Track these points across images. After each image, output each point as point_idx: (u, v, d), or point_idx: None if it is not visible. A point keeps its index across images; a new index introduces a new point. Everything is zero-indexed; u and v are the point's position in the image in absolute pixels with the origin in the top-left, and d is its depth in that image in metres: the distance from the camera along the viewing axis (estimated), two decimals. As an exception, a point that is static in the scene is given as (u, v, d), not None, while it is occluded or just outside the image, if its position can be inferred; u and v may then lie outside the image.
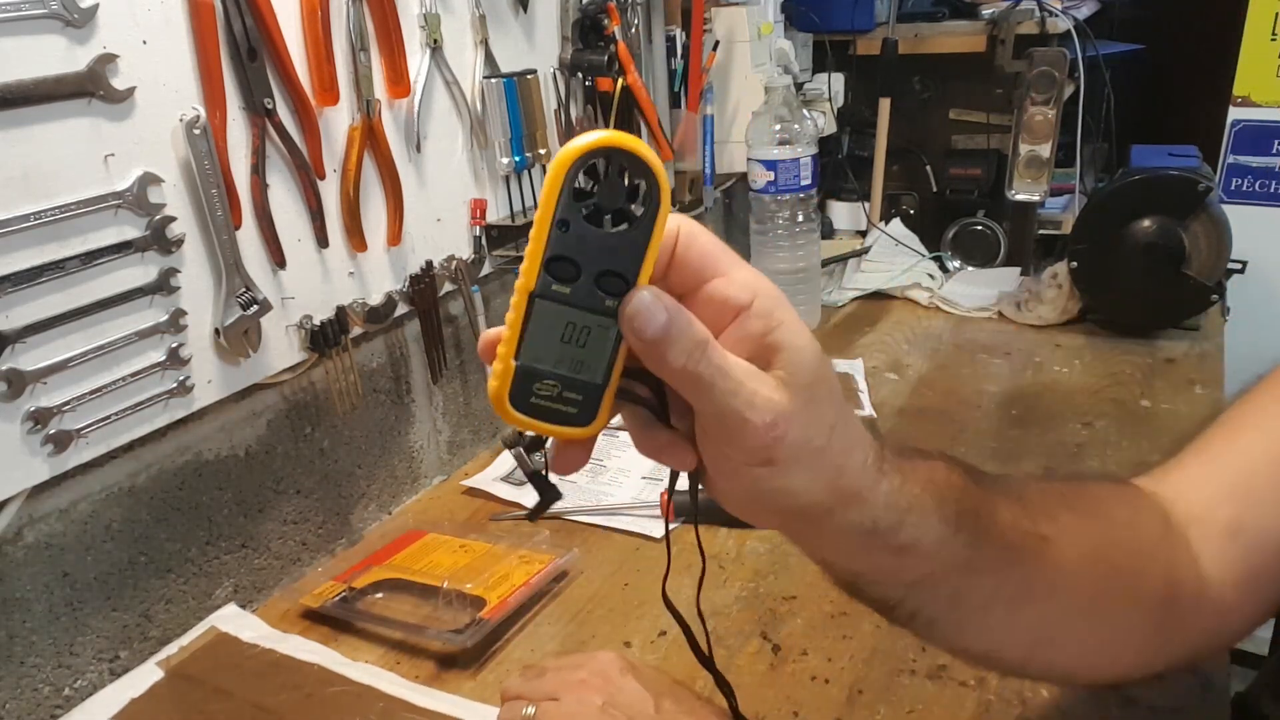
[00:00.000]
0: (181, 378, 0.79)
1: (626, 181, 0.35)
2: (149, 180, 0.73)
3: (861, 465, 0.40)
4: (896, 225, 1.71)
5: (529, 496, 1.02)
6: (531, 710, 0.58)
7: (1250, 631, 0.53)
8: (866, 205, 1.77)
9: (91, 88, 0.69)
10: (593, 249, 0.36)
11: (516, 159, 1.08)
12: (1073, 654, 0.49)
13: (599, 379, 0.38)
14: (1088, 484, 0.52)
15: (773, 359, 0.38)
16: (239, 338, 0.82)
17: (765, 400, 0.37)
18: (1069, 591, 0.47)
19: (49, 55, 0.67)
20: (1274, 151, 1.96)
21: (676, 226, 0.38)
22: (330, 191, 0.90)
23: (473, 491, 1.05)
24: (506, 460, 1.10)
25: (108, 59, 0.70)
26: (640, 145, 0.35)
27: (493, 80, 1.05)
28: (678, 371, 0.36)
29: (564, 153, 0.35)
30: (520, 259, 0.36)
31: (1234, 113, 1.97)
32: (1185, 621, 0.50)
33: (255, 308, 0.83)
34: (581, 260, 0.36)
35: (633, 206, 0.36)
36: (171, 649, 0.80)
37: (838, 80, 1.73)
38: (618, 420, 0.40)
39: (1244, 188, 2.00)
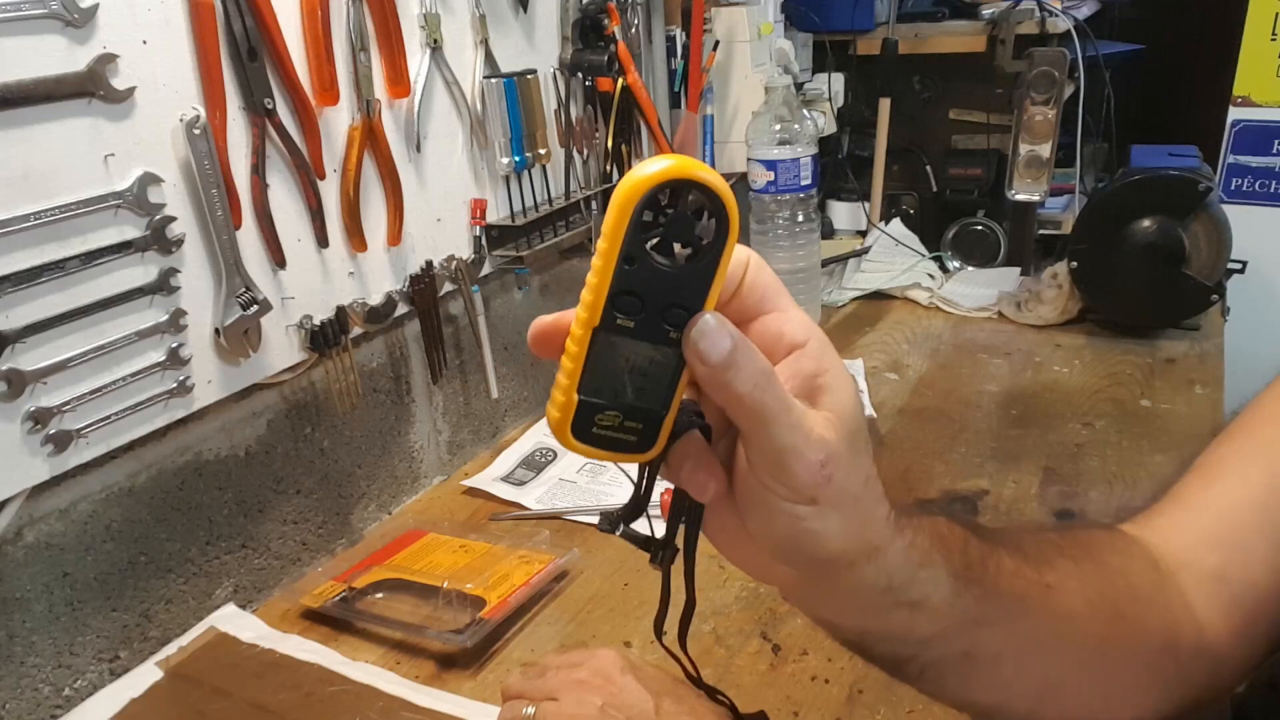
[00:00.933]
0: (181, 378, 0.79)
1: (693, 211, 0.34)
2: (149, 180, 0.73)
3: (885, 519, 0.40)
4: (896, 225, 1.71)
5: (529, 496, 1.02)
6: (531, 710, 0.58)
7: (1244, 679, 0.53)
8: (866, 205, 1.77)
9: (91, 88, 0.69)
10: (658, 282, 0.34)
11: (516, 159, 1.08)
12: (1078, 703, 0.49)
13: (659, 408, 0.37)
14: (1079, 531, 0.52)
15: (819, 400, 0.37)
16: (239, 338, 0.82)
17: (820, 438, 0.36)
18: (1076, 639, 0.47)
19: (49, 55, 0.67)
20: (1274, 151, 1.97)
21: (747, 256, 0.37)
22: (330, 191, 0.90)
23: (473, 491, 1.05)
24: (506, 460, 1.10)
25: (108, 59, 0.70)
26: (711, 175, 0.33)
27: (493, 80, 1.05)
28: (743, 398, 0.35)
29: (631, 184, 0.33)
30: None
31: (1234, 113, 1.97)
32: (1185, 668, 0.50)
33: (255, 308, 0.83)
34: (646, 294, 0.35)
35: (699, 236, 0.34)
36: (171, 649, 0.80)
37: (838, 80, 1.73)
38: None
39: (1244, 188, 2.00)
